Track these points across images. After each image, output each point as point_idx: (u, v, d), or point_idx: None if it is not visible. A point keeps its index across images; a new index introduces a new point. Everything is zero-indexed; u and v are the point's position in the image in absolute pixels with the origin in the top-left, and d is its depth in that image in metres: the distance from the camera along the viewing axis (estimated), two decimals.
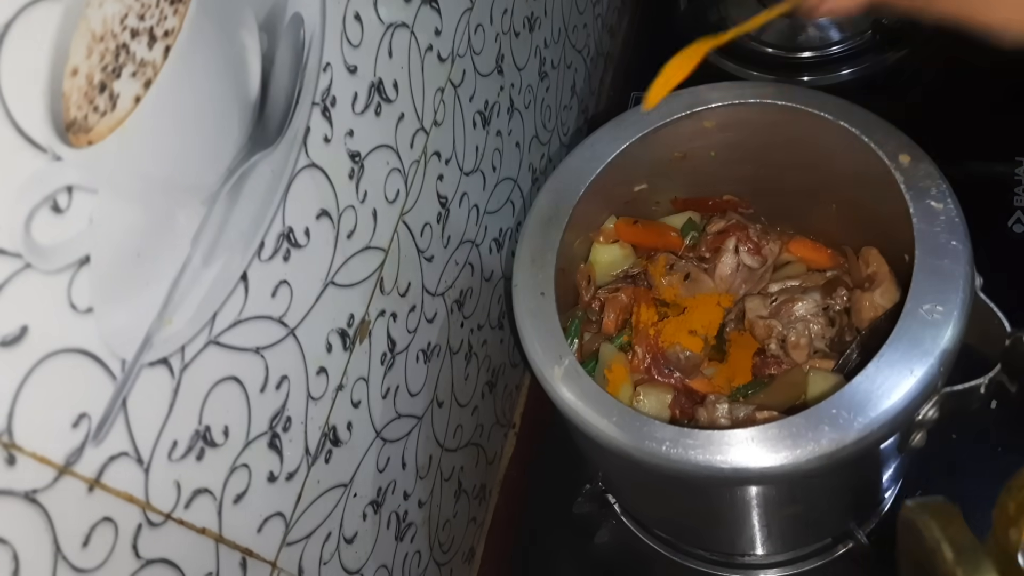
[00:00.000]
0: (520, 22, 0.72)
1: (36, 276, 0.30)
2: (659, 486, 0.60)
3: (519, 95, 0.73)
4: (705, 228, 0.68)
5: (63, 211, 0.31)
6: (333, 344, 0.50)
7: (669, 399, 0.59)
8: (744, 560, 0.72)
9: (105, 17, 0.31)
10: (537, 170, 0.80)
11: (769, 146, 0.63)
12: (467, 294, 0.68)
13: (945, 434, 0.64)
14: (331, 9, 0.45)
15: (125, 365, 0.35)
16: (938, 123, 0.69)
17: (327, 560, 0.52)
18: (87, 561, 0.34)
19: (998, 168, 0.82)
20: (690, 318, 0.63)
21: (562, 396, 0.53)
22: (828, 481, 0.55)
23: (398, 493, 0.60)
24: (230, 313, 0.41)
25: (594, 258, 0.67)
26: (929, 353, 0.48)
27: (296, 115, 0.43)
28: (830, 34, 0.96)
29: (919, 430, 0.52)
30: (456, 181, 0.63)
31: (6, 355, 0.30)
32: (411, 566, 0.64)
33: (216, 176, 0.39)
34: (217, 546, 0.42)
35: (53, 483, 0.32)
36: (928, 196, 0.53)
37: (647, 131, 0.61)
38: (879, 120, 0.57)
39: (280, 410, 0.45)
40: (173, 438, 0.38)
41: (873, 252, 0.61)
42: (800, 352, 0.61)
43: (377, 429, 0.56)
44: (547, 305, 0.56)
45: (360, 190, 0.50)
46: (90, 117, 0.31)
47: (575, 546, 0.77)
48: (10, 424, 0.30)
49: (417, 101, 0.56)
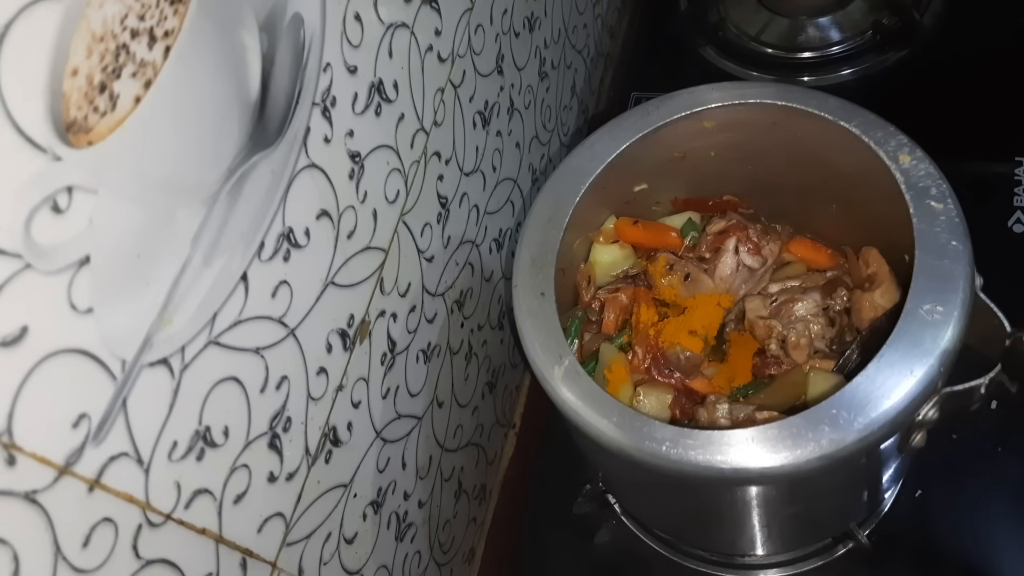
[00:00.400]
0: (520, 22, 0.72)
1: (36, 276, 0.30)
2: (659, 486, 0.60)
3: (519, 95, 0.73)
4: (705, 228, 0.68)
5: (63, 211, 0.31)
6: (333, 344, 0.50)
7: (669, 399, 0.59)
8: (744, 560, 0.72)
9: (105, 17, 0.31)
10: (537, 170, 0.80)
11: (769, 146, 0.63)
12: (467, 294, 0.68)
13: (945, 434, 0.64)
14: (331, 9, 0.45)
15: (125, 365, 0.35)
16: (938, 124, 0.69)
17: (327, 560, 0.52)
18: (87, 561, 0.34)
19: (998, 168, 0.82)
20: (690, 318, 0.63)
21: (562, 396, 0.53)
22: (828, 481, 0.55)
23: (398, 493, 0.60)
24: (230, 313, 0.41)
25: (594, 258, 0.67)
26: (929, 353, 0.48)
27: (296, 115, 0.43)
28: (830, 34, 0.96)
29: (919, 430, 0.52)
30: (456, 181, 0.63)
31: (6, 355, 0.30)
32: (411, 566, 0.64)
33: (216, 176, 0.39)
34: (217, 546, 0.42)
35: (53, 483, 0.32)
36: (928, 196, 0.53)
37: (647, 131, 0.61)
38: (879, 120, 0.57)
39: (280, 410, 0.45)
40: (173, 438, 0.38)
41: (873, 252, 0.61)
42: (800, 352, 0.61)
43: (377, 429, 0.56)
44: (547, 305, 0.56)
45: (360, 190, 0.50)
46: (90, 117, 0.31)
47: (575, 546, 0.77)
48: (10, 424, 0.30)
49: (417, 101, 0.56)
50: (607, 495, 0.73)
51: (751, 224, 0.66)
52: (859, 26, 0.95)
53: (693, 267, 0.65)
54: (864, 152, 0.56)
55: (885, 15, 0.93)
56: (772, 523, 0.63)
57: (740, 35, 0.99)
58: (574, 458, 0.69)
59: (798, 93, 0.59)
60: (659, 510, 0.72)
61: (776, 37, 0.97)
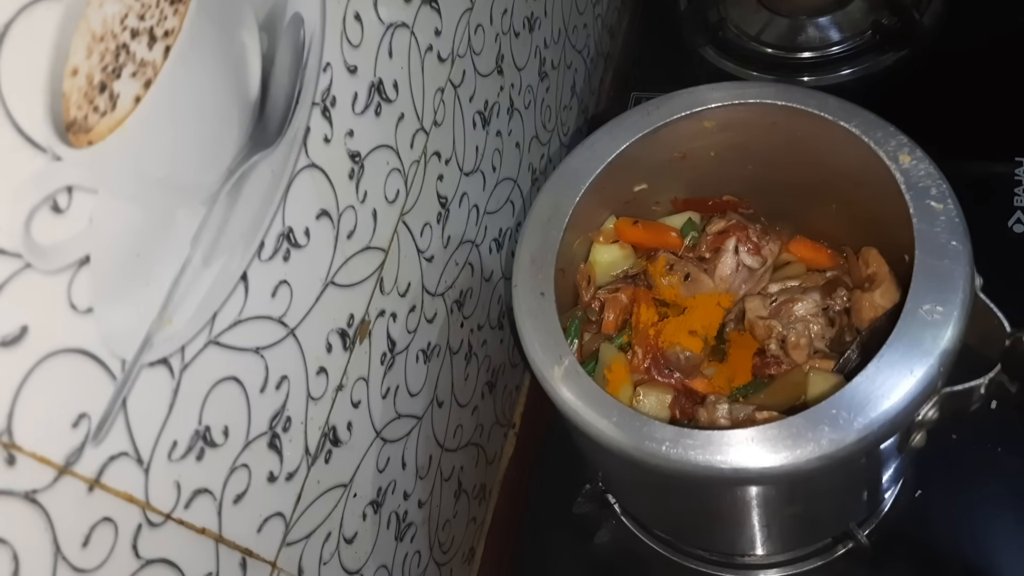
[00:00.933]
0: (520, 22, 0.72)
1: (36, 276, 0.30)
2: (659, 486, 0.60)
3: (519, 95, 0.73)
4: (705, 228, 0.68)
5: (63, 211, 0.31)
6: (333, 344, 0.50)
7: (669, 399, 0.59)
8: (744, 560, 0.72)
9: (105, 17, 0.31)
10: (537, 170, 0.80)
11: (769, 146, 0.63)
12: (467, 294, 0.68)
13: (945, 434, 0.64)
14: (331, 9, 0.45)
15: (125, 365, 0.35)
16: (938, 124, 0.69)
17: (327, 560, 0.52)
18: (87, 561, 0.34)
19: (998, 168, 0.82)
20: (690, 318, 0.63)
21: (562, 396, 0.53)
22: (828, 481, 0.55)
23: (398, 493, 0.60)
24: (230, 313, 0.41)
25: (594, 258, 0.67)
26: (929, 353, 0.48)
27: (296, 115, 0.43)
28: (830, 34, 0.96)
29: (919, 430, 0.52)
30: (456, 181, 0.63)
31: (6, 355, 0.30)
32: (411, 566, 0.64)
33: (216, 176, 0.39)
34: (217, 546, 0.42)
35: (53, 483, 0.32)
36: (928, 196, 0.53)
37: (647, 131, 0.61)
38: (879, 120, 0.57)
39: (280, 410, 0.45)
40: (173, 438, 0.38)
41: (873, 252, 0.61)
42: (800, 352, 0.61)
43: (377, 429, 0.56)
44: (547, 305, 0.56)
45: (360, 190, 0.50)
46: (90, 117, 0.31)
47: (575, 546, 0.77)
48: (10, 424, 0.30)
49: (417, 101, 0.56)
50: (607, 495, 0.73)
51: (751, 224, 0.66)
52: (859, 26, 0.95)
53: (693, 267, 0.65)
54: (864, 152, 0.56)
55: (885, 15, 0.93)
56: (772, 523, 0.63)
57: (740, 35, 0.99)
58: (574, 458, 0.69)
59: (798, 93, 0.59)
60: (659, 510, 0.72)
61: (776, 37, 0.97)
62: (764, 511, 0.60)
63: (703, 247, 0.66)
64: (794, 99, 0.59)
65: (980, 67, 0.90)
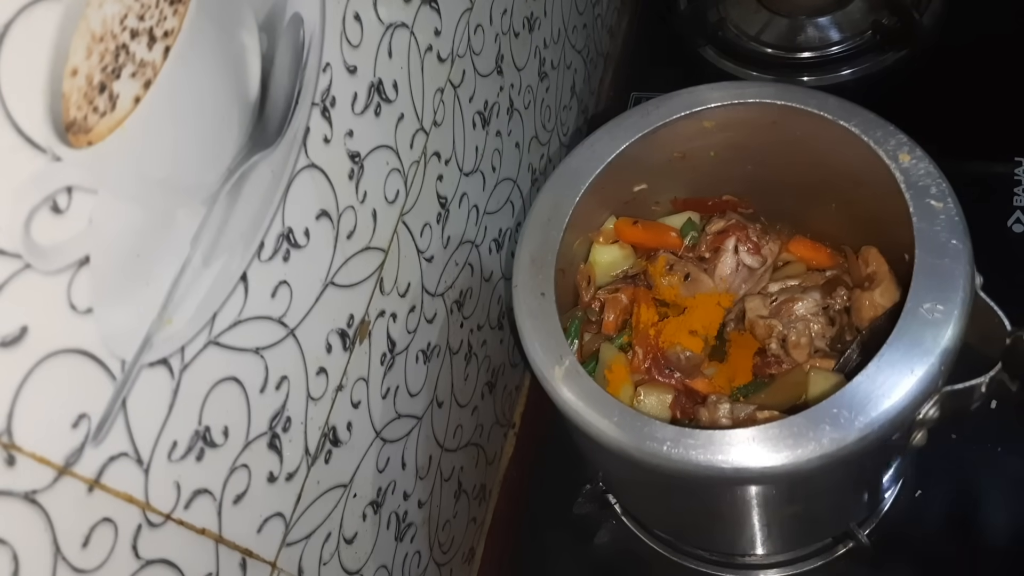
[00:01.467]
0: (520, 22, 0.72)
1: (36, 276, 0.30)
2: (660, 486, 0.60)
3: (519, 95, 0.73)
4: (705, 228, 0.68)
5: (63, 211, 0.31)
6: (333, 344, 0.50)
7: (670, 399, 0.59)
8: (744, 560, 0.72)
9: (105, 17, 0.31)
10: (537, 170, 0.80)
11: (769, 146, 0.63)
12: (467, 294, 0.68)
13: (945, 434, 0.64)
14: (331, 9, 0.45)
15: (125, 365, 0.35)
16: (938, 123, 0.69)
17: (327, 560, 0.52)
18: (87, 562, 0.34)
19: (998, 168, 0.82)
20: (690, 318, 0.63)
21: (562, 396, 0.53)
22: (828, 481, 0.55)
23: (398, 493, 0.60)
24: (230, 313, 0.41)
25: (594, 258, 0.67)
26: (929, 352, 0.48)
27: (296, 115, 0.43)
28: (830, 34, 0.96)
29: (919, 429, 0.52)
30: (456, 181, 0.63)
31: (6, 355, 0.30)
32: (411, 566, 0.64)
33: (216, 176, 0.39)
34: (217, 546, 0.42)
35: (53, 483, 0.32)
36: (928, 196, 0.53)
37: (647, 131, 0.61)
38: (879, 119, 0.57)
39: (280, 410, 0.45)
40: (173, 438, 0.38)
41: (873, 252, 0.61)
42: (800, 352, 0.61)
43: (377, 429, 0.56)
44: (547, 305, 0.56)
45: (360, 190, 0.50)
46: (90, 117, 0.31)
47: (575, 546, 0.77)
48: (10, 424, 0.30)
49: (417, 101, 0.56)
50: (607, 495, 0.73)
51: (751, 224, 0.66)
52: (859, 26, 0.95)
53: (693, 267, 0.65)
54: (864, 151, 0.56)
55: (885, 15, 0.93)
56: (772, 523, 0.63)
57: (740, 35, 0.99)
58: (574, 458, 0.69)
59: (797, 93, 0.59)
60: (659, 510, 0.72)
61: (776, 37, 0.97)
62: (765, 511, 0.60)
63: (703, 247, 0.66)
64: (794, 99, 0.59)
65: (980, 67, 0.90)
